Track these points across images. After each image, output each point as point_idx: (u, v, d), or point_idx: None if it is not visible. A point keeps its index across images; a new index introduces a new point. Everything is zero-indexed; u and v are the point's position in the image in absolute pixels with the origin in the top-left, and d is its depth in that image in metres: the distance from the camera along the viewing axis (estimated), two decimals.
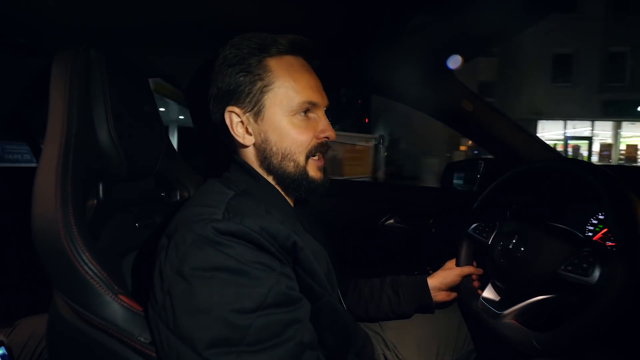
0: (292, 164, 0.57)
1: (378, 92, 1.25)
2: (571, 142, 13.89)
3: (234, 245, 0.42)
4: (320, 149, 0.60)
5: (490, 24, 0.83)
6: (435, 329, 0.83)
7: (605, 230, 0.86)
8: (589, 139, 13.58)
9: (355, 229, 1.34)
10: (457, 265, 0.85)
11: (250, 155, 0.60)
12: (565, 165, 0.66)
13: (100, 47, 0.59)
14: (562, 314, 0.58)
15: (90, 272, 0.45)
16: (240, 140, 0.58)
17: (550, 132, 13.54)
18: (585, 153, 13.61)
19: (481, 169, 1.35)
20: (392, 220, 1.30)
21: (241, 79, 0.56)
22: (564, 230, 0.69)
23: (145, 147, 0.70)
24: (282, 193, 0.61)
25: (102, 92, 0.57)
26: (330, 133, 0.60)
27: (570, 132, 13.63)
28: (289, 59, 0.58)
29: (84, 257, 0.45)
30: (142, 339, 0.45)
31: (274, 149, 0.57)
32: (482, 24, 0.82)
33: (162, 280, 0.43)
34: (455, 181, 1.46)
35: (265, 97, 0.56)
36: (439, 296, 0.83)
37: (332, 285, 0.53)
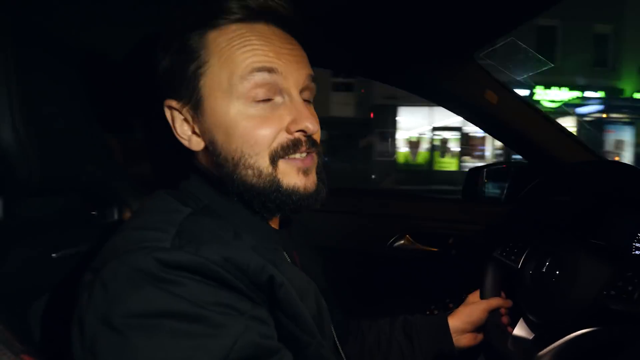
0: (249, 172, 0.49)
1: (384, 79, 1.26)
2: (438, 134, 13.38)
3: (186, 282, 0.38)
4: (296, 147, 0.51)
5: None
6: None
7: None
8: (459, 130, 13.24)
9: (357, 252, 1.33)
10: (482, 297, 0.83)
11: (204, 163, 0.54)
12: (613, 166, 0.66)
13: (1, 11, 0.52)
14: (610, 351, 0.57)
15: None
16: (186, 143, 0.53)
17: (412, 120, 13.16)
18: (456, 148, 13.39)
19: (510, 174, 1.36)
20: (402, 241, 1.29)
21: (174, 62, 0.50)
22: (605, 247, 0.69)
23: (70, 150, 0.62)
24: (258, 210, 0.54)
25: (4, 73, 0.49)
26: (308, 124, 0.50)
27: (440, 122, 13.05)
28: (239, 28, 0.49)
29: None
30: None
31: (223, 153, 0.50)
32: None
33: (82, 332, 0.37)
34: (482, 189, 1.46)
35: (201, 82, 0.49)
36: (462, 340, 0.80)
37: (322, 332, 0.50)
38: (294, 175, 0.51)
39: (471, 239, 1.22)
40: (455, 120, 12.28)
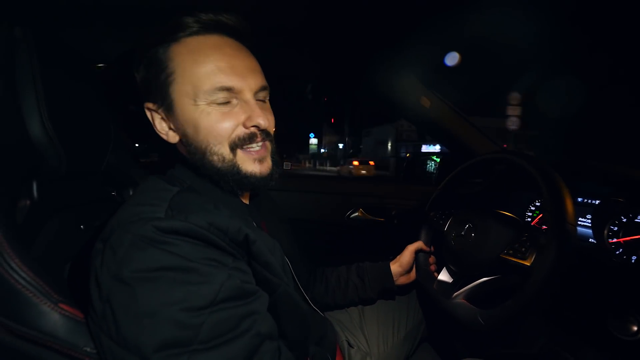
0: (215, 157, 0.51)
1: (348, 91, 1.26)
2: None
3: (179, 243, 0.39)
4: (252, 139, 0.51)
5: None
6: (390, 305, 0.88)
7: (541, 215, 0.94)
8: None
9: (322, 222, 1.35)
10: (417, 250, 0.88)
11: (182, 152, 0.55)
12: (510, 157, 0.71)
13: (26, 26, 0.50)
14: (505, 293, 0.62)
15: (21, 280, 0.39)
16: (165, 137, 0.54)
17: None
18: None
19: (439, 162, 1.43)
20: (357, 213, 1.33)
21: (148, 72, 0.51)
22: (509, 217, 0.74)
23: (90, 140, 0.62)
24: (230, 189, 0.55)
25: (31, 78, 0.49)
26: (259, 120, 0.50)
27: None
28: (197, 41, 0.50)
29: (13, 265, 0.39)
30: (88, 350, 0.40)
31: (193, 144, 0.51)
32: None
33: (99, 289, 0.38)
34: (417, 173, 1.53)
35: (171, 88, 0.50)
36: (400, 280, 0.86)
37: (287, 276, 0.51)
38: (251, 164, 0.52)
39: (409, 211, 1.29)
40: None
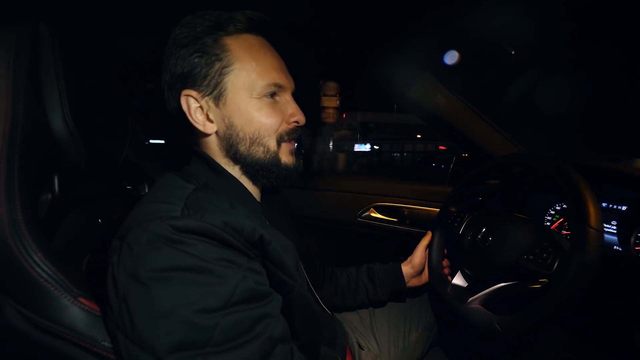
0: (261, 149, 0.53)
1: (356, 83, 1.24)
2: None
3: (195, 242, 0.39)
4: (292, 134, 0.56)
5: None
6: (401, 307, 0.87)
7: (561, 219, 0.91)
8: None
9: (334, 221, 1.34)
10: (430, 254, 0.86)
11: (212, 145, 0.55)
12: (529, 160, 0.69)
13: (50, 22, 0.50)
14: (522, 300, 0.60)
15: (43, 274, 0.40)
16: (201, 128, 0.53)
17: None
18: None
19: (452, 162, 1.40)
20: (368, 212, 1.31)
21: (196, 60, 0.50)
22: (527, 220, 0.72)
23: (108, 135, 0.62)
24: (248, 186, 0.57)
25: (54, 73, 0.49)
26: (299, 117, 0.56)
27: None
28: (249, 38, 0.53)
29: (36, 258, 0.40)
30: (106, 344, 0.41)
31: (241, 134, 0.52)
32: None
33: (115, 286, 0.39)
34: (431, 173, 1.50)
35: (226, 79, 0.51)
36: (411, 282, 0.85)
37: (301, 277, 0.52)
38: (288, 155, 0.56)
39: (421, 211, 1.27)
40: None
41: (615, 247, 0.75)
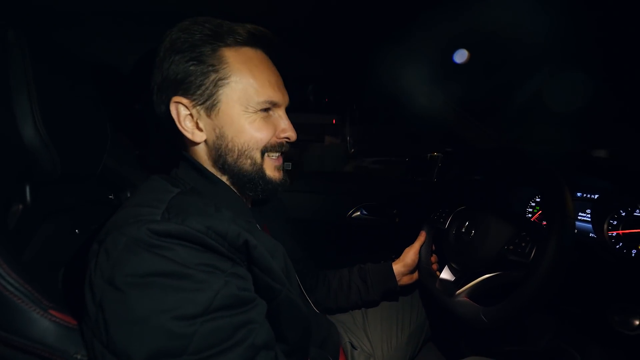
0: (249, 161, 0.53)
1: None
2: None
3: (174, 247, 0.38)
4: (279, 148, 0.56)
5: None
6: (393, 306, 0.88)
7: (541, 211, 0.94)
8: None
9: (324, 222, 1.35)
10: (419, 249, 0.88)
11: (201, 153, 0.54)
12: (506, 152, 0.71)
13: (20, 28, 0.49)
14: (508, 290, 0.61)
15: (9, 286, 0.38)
16: (189, 136, 0.52)
17: None
18: None
19: (439, 160, 1.43)
20: (358, 212, 1.33)
21: (191, 68, 0.49)
22: (508, 213, 0.74)
23: (85, 142, 0.61)
24: (237, 192, 0.56)
25: (24, 80, 0.48)
26: (291, 133, 0.56)
27: None
28: (248, 51, 0.53)
29: (1, 271, 0.38)
30: (79, 357, 0.39)
31: (230, 145, 0.52)
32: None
33: (92, 292, 0.37)
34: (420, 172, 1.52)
35: (221, 91, 0.51)
36: (403, 280, 0.86)
37: (290, 281, 0.50)
38: (272, 170, 0.56)
39: (410, 209, 1.29)
40: None
41: (590, 234, 0.78)
